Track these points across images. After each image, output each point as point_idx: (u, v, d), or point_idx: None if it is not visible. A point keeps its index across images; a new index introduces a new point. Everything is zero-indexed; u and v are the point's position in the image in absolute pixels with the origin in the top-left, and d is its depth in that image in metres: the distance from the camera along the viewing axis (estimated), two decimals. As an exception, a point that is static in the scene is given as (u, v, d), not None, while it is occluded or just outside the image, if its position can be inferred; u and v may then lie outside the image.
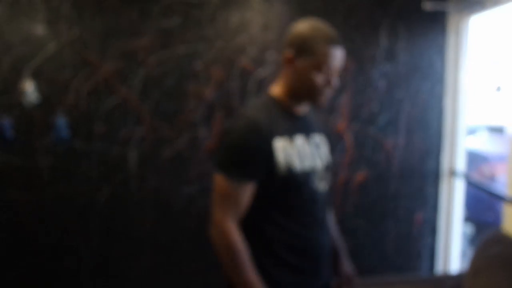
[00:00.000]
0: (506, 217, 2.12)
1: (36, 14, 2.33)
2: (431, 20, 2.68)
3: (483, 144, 5.30)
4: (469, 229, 3.96)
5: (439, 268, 2.83)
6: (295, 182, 1.28)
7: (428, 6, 2.61)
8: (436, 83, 2.73)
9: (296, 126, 1.34)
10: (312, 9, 2.53)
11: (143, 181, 2.53)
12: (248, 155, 1.23)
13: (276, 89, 1.35)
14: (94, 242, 2.53)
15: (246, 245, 1.26)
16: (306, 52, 1.25)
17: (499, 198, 2.46)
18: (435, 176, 2.77)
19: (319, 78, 1.26)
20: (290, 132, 1.30)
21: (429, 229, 2.81)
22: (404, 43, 2.66)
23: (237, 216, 1.27)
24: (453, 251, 2.78)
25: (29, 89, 2.33)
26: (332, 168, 1.55)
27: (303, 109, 1.37)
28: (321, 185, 1.38)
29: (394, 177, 2.74)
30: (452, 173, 2.75)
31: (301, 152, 1.31)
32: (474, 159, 4.82)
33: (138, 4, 2.40)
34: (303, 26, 1.29)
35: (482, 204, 4.26)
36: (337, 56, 1.26)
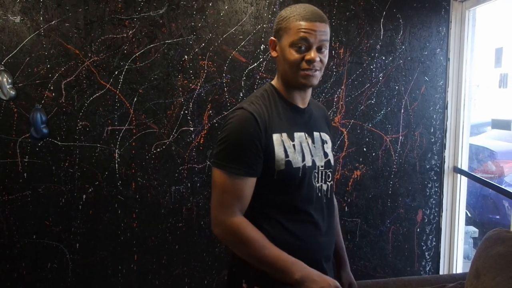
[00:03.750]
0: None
1: (12, 2, 2.22)
2: (433, 9, 2.54)
3: (490, 140, 5.15)
4: (475, 233, 3.81)
5: (443, 270, 2.71)
6: (293, 178, 1.24)
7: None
8: (438, 76, 2.59)
9: (297, 121, 1.30)
10: (306, -2, 2.40)
11: (130, 180, 2.42)
12: (245, 149, 1.19)
13: (275, 79, 1.35)
14: (78, 243, 2.42)
15: (256, 229, 1.20)
16: (283, 32, 1.24)
17: (506, 193, 2.32)
18: (438, 173, 2.64)
19: (294, 54, 1.22)
20: (289, 126, 1.27)
21: (432, 228, 2.68)
22: (404, 34, 2.53)
23: (241, 211, 1.22)
24: (457, 251, 2.66)
25: (5, 82, 2.22)
26: (335, 168, 1.50)
27: (302, 99, 1.33)
28: (321, 184, 1.32)
29: (393, 174, 2.61)
30: (455, 170, 2.62)
31: (301, 148, 1.27)
32: (482, 155, 4.68)
33: (122, -7, 2.29)
34: (282, 10, 1.29)
35: (487, 207, 4.13)
36: (311, 29, 1.21)
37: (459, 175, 2.62)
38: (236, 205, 1.20)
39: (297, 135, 1.28)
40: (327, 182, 1.35)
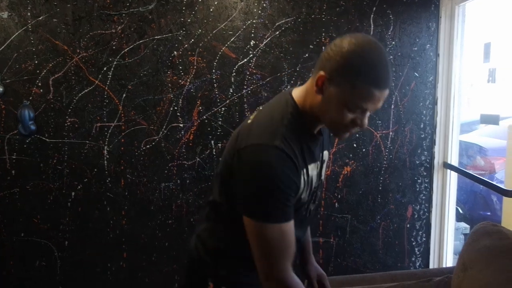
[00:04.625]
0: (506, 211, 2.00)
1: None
2: (423, 4, 2.54)
3: (482, 138, 5.18)
4: (466, 230, 3.84)
5: (433, 265, 2.71)
6: (295, 210, 1.17)
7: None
8: (428, 71, 2.59)
9: (313, 151, 1.20)
10: (296, -6, 2.40)
11: (119, 177, 2.41)
12: (289, 195, 1.08)
13: (302, 100, 1.15)
14: (67, 241, 2.41)
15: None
16: (344, 81, 1.02)
17: (493, 187, 2.33)
18: (427, 169, 2.65)
19: (346, 116, 1.06)
20: (309, 160, 1.17)
21: (421, 224, 2.68)
22: (394, 30, 2.53)
23: (291, 260, 1.11)
24: (447, 247, 2.66)
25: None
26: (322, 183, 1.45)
27: (319, 127, 1.22)
28: (308, 205, 1.28)
29: (383, 170, 2.61)
30: (445, 165, 2.63)
31: (311, 182, 1.20)
32: (471, 152, 4.70)
33: (110, -12, 2.27)
34: (353, 48, 1.02)
35: (478, 204, 4.15)
36: (378, 100, 1.04)
37: (448, 170, 2.63)
38: (287, 256, 1.10)
39: (310, 167, 1.18)
40: (315, 202, 1.31)
